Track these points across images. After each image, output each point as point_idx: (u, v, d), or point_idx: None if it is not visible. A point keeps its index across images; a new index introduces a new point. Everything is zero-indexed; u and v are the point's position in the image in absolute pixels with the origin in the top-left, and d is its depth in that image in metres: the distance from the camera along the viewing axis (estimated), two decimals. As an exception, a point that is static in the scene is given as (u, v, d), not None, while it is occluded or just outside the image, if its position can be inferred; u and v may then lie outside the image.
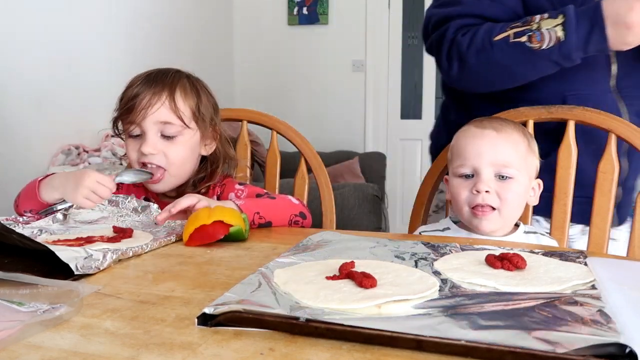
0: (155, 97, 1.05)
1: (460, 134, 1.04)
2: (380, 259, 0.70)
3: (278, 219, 1.01)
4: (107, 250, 0.72)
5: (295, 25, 4.08)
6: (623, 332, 0.45)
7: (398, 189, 4.01)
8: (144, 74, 1.10)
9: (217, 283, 0.63)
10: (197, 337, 0.48)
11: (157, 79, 1.08)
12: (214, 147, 1.15)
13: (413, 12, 3.95)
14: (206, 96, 1.13)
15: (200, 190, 1.12)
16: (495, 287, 0.58)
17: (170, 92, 1.06)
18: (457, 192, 0.99)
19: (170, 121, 1.06)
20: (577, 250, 0.77)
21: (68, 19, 2.51)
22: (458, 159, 1.01)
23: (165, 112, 1.05)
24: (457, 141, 1.03)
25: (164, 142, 1.07)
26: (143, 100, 1.05)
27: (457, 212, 1.02)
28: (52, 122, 2.44)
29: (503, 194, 0.96)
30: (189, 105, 1.08)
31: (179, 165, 1.09)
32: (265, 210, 0.99)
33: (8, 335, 0.47)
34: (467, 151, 0.99)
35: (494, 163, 0.96)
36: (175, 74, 1.11)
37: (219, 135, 1.15)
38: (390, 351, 0.44)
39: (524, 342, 0.43)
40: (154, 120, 1.05)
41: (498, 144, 0.97)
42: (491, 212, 0.96)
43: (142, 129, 1.06)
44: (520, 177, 0.97)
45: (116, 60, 2.76)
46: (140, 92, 1.06)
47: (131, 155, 1.10)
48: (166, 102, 1.05)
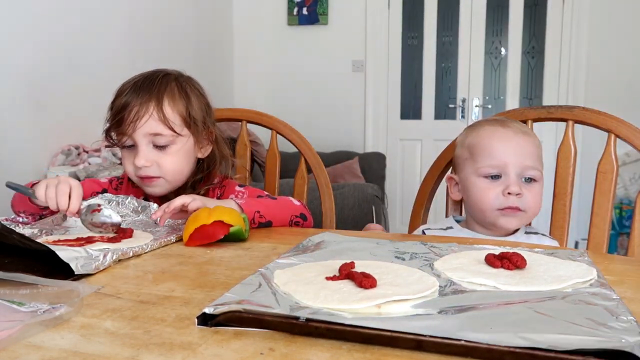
0: (143, 109, 1.03)
1: (483, 133, 1.01)
2: (380, 259, 0.70)
3: (278, 219, 1.01)
4: (108, 250, 0.72)
5: (295, 25, 4.08)
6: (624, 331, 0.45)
7: (398, 189, 4.02)
8: (131, 81, 1.08)
9: (217, 283, 0.63)
10: (197, 337, 0.48)
11: (144, 87, 1.05)
12: (209, 149, 1.13)
13: (413, 12, 3.95)
14: (197, 98, 1.10)
15: (200, 193, 1.11)
16: (495, 286, 0.58)
17: (158, 101, 1.04)
18: (484, 193, 0.98)
19: (160, 132, 1.04)
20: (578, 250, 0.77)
21: (68, 19, 2.51)
22: (483, 159, 0.99)
23: (154, 123, 1.03)
24: (481, 140, 1.01)
25: (157, 153, 1.05)
26: (131, 113, 1.03)
27: (477, 212, 1.01)
28: (52, 122, 2.44)
29: (530, 196, 0.97)
30: (178, 112, 1.06)
31: (174, 174, 1.08)
32: (265, 210, 0.98)
33: (8, 335, 0.47)
34: (496, 151, 0.98)
35: (522, 165, 0.96)
36: (162, 79, 1.07)
37: (214, 136, 1.13)
38: (390, 351, 0.44)
39: (524, 342, 0.43)
40: (143, 133, 1.03)
41: (526, 146, 0.97)
42: (520, 212, 0.97)
43: (133, 140, 1.05)
44: (540, 179, 0.98)
45: (116, 60, 2.76)
46: (128, 102, 1.04)
47: (127, 167, 1.09)
48: (154, 113, 1.03)
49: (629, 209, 3.25)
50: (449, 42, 3.94)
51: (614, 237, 3.28)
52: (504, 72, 3.89)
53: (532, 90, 3.87)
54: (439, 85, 3.99)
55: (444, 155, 1.19)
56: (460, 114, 3.94)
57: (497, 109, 3.81)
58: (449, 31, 3.93)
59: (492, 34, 3.87)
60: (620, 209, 3.30)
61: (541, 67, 3.80)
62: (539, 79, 3.83)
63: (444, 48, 3.96)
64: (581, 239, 3.29)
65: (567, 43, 3.67)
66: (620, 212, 3.30)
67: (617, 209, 3.27)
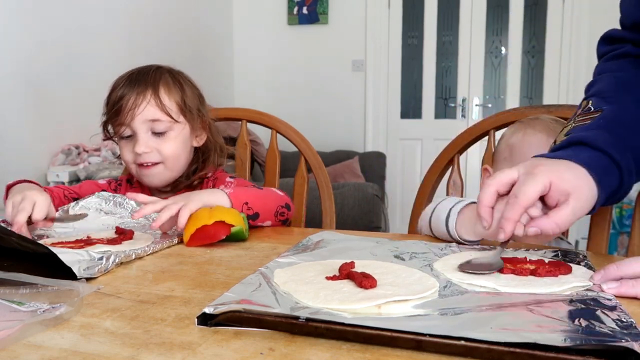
0: (141, 97, 1.06)
1: (529, 138, 0.99)
2: (380, 259, 0.70)
3: (265, 210, 1.00)
4: (110, 254, 0.71)
5: (295, 25, 4.08)
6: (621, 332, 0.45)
7: (398, 189, 4.02)
8: (125, 75, 1.11)
9: (217, 283, 0.63)
10: (197, 337, 0.48)
11: (139, 79, 1.08)
12: (204, 137, 1.16)
13: (413, 12, 3.95)
14: (190, 88, 1.13)
15: (194, 182, 1.14)
16: (495, 288, 0.58)
17: (154, 89, 1.07)
18: None
19: (159, 118, 1.07)
20: (578, 251, 0.77)
21: (68, 19, 2.51)
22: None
23: (152, 110, 1.06)
24: (524, 146, 0.99)
25: (156, 140, 1.08)
26: (129, 102, 1.05)
27: None
28: (52, 122, 2.44)
29: None
30: (174, 99, 1.09)
31: (173, 159, 1.10)
32: (253, 201, 0.98)
33: (8, 335, 0.47)
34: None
35: None
36: (156, 71, 1.11)
37: (208, 125, 1.16)
38: (390, 351, 0.44)
39: (523, 342, 0.43)
40: (142, 120, 1.06)
41: None
42: None
43: (132, 129, 1.07)
44: None
45: (116, 61, 2.75)
46: (124, 93, 1.06)
47: (126, 156, 1.10)
48: (152, 100, 1.06)
49: (629, 208, 3.25)
50: (449, 42, 3.94)
51: (614, 236, 3.29)
52: (504, 71, 3.89)
53: (532, 90, 3.87)
54: (439, 85, 3.99)
55: (444, 154, 1.19)
56: (461, 114, 3.94)
57: (498, 109, 3.81)
58: (449, 30, 3.93)
59: (493, 34, 3.87)
60: (621, 208, 3.30)
61: (541, 67, 3.80)
62: (539, 78, 3.83)
63: (444, 47, 3.96)
64: (581, 238, 3.29)
65: (567, 43, 3.67)
66: (621, 211, 3.30)
67: (617, 208, 3.27)
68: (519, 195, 0.66)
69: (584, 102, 0.80)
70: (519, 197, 0.66)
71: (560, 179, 0.67)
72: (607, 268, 0.60)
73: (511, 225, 0.66)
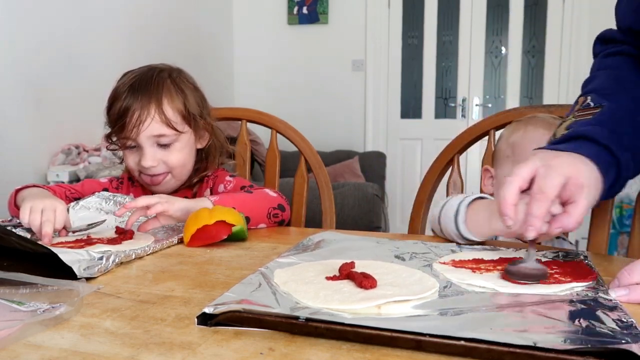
0: (145, 112, 1.04)
1: (530, 135, 0.98)
2: (380, 259, 0.70)
3: (256, 214, 0.99)
4: (110, 254, 0.72)
5: (295, 24, 4.08)
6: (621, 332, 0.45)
7: (398, 188, 4.02)
8: (127, 82, 1.07)
9: (217, 283, 0.63)
10: (197, 337, 0.48)
11: (141, 88, 1.05)
12: (207, 138, 1.15)
13: (413, 11, 3.95)
14: (191, 92, 1.11)
15: (194, 182, 1.14)
16: (494, 288, 0.58)
17: (158, 102, 1.05)
18: None
19: (164, 133, 1.05)
20: (579, 252, 0.77)
21: (68, 19, 2.51)
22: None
23: (157, 126, 1.05)
24: (526, 143, 0.97)
25: (162, 151, 1.07)
26: (133, 117, 1.03)
27: None
28: (52, 122, 2.44)
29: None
30: (177, 110, 1.07)
31: (180, 168, 1.10)
32: (241, 206, 0.95)
33: (8, 335, 0.47)
34: None
35: None
36: (157, 77, 1.08)
37: (210, 126, 1.15)
38: (390, 351, 0.44)
39: (524, 341, 0.43)
40: (147, 135, 1.05)
41: None
42: None
43: (137, 143, 1.06)
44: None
45: (116, 60, 2.75)
46: (128, 106, 1.04)
47: (130, 165, 1.09)
48: (156, 115, 1.04)
49: (630, 208, 3.25)
50: (449, 42, 3.94)
51: (614, 236, 3.28)
52: (504, 71, 3.88)
53: (532, 90, 3.87)
54: (439, 85, 3.99)
55: (444, 154, 1.19)
56: (461, 113, 3.94)
57: (498, 108, 3.80)
58: (449, 30, 3.92)
59: (493, 33, 3.87)
60: (621, 208, 3.30)
61: (541, 67, 3.80)
62: (539, 78, 3.83)
63: (444, 47, 3.96)
64: (581, 238, 3.29)
65: (567, 43, 3.67)
66: (621, 211, 3.30)
67: (617, 208, 3.27)
68: (546, 190, 0.63)
69: (582, 98, 0.80)
70: (545, 191, 0.63)
71: (578, 172, 0.65)
72: (619, 276, 0.58)
73: (540, 221, 0.63)
